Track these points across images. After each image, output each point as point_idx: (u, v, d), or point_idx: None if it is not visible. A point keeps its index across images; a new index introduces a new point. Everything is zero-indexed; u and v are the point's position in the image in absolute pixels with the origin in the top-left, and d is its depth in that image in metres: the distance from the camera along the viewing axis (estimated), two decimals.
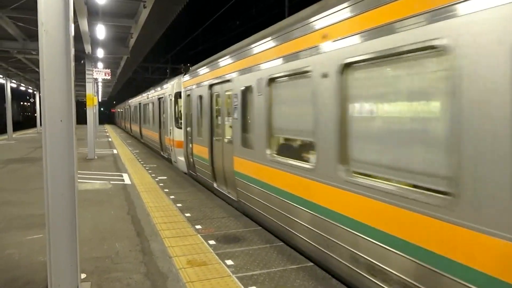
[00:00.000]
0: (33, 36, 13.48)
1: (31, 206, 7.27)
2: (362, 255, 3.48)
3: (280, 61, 5.05)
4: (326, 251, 4.10)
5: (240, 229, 6.05)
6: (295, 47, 4.65)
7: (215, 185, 8.21)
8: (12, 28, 12.10)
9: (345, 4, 3.70)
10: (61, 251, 3.46)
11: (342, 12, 3.74)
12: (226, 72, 7.23)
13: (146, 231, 5.71)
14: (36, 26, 3.42)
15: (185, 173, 11.10)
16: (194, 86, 9.69)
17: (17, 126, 36.67)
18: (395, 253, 3.07)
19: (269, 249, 5.18)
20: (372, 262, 3.35)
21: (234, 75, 6.75)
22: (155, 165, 13.44)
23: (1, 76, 22.22)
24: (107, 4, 9.60)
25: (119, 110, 51.08)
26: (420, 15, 2.77)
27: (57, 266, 3.45)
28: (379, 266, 3.26)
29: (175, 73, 23.39)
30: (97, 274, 4.19)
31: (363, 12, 3.41)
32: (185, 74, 11.16)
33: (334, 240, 3.92)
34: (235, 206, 7.17)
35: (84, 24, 10.35)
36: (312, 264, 4.66)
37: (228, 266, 4.51)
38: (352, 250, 3.62)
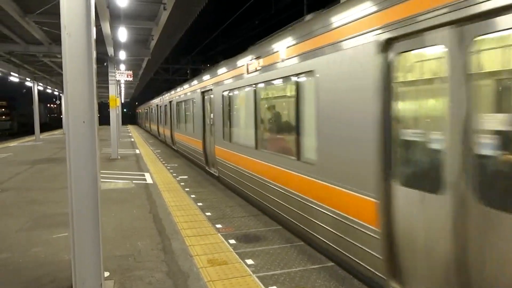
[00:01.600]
0: (57, 40, 13.88)
1: (57, 205, 7.49)
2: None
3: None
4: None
5: (260, 228, 6.03)
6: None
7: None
8: (38, 33, 12.49)
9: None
10: (85, 250, 3.53)
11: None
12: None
13: (168, 230, 5.77)
14: (60, 29, 3.49)
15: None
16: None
17: (44, 127, 37.96)
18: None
19: (289, 249, 5.14)
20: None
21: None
22: (176, 165, 13.60)
23: (29, 79, 22.99)
24: (129, 7, 9.76)
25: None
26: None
27: (81, 265, 3.52)
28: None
29: (195, 74, 23.61)
30: (119, 272, 4.26)
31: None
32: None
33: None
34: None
35: (106, 27, 10.56)
36: (332, 264, 4.59)
37: (249, 266, 4.50)
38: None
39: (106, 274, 4.12)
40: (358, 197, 3.91)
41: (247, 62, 7.22)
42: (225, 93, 8.94)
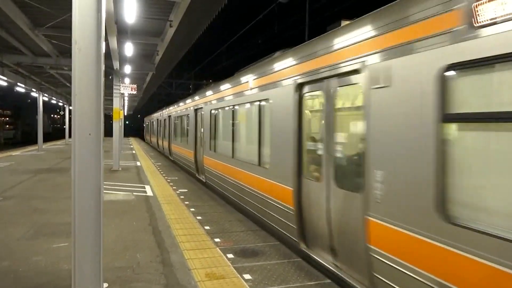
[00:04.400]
0: (65, 52, 14.19)
1: (58, 214, 7.55)
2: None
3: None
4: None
5: (259, 243, 6.07)
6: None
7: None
8: (47, 45, 12.79)
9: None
10: (85, 260, 3.57)
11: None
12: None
13: (167, 243, 5.82)
14: (68, 43, 3.63)
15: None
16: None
17: (48, 137, 38.19)
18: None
19: (287, 265, 5.18)
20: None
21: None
22: (176, 178, 13.67)
23: (34, 90, 23.31)
24: (136, 23, 10.03)
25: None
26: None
27: (81, 275, 3.57)
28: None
29: (198, 89, 23.87)
30: (119, 284, 4.30)
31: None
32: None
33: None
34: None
35: (113, 42, 10.83)
36: (330, 281, 4.62)
37: (246, 281, 4.53)
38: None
39: (105, 285, 4.17)
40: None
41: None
42: (212, 111, 10.95)
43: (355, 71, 4.03)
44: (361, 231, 3.88)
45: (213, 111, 10.85)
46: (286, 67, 5.78)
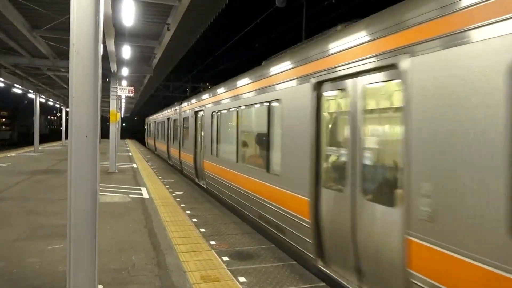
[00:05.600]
0: (62, 54, 14.19)
1: (54, 216, 7.55)
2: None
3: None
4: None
5: (254, 246, 6.10)
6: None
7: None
8: (44, 47, 12.80)
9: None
10: (80, 262, 3.58)
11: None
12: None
13: (162, 245, 5.84)
14: (66, 45, 3.65)
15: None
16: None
17: (44, 139, 38.04)
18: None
19: (282, 268, 5.20)
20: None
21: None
22: (172, 180, 13.67)
23: (31, 91, 23.27)
24: (134, 26, 10.07)
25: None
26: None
27: (76, 277, 3.57)
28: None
29: (195, 92, 23.71)
30: (114, 286, 4.31)
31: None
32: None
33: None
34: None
35: (111, 45, 10.86)
36: (324, 284, 4.65)
37: (241, 283, 4.56)
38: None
39: (100, 287, 4.17)
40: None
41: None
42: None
43: (392, 66, 3.43)
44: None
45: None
46: (302, 65, 5.19)
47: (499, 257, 2.34)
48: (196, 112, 12.78)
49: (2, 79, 17.39)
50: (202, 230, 6.90)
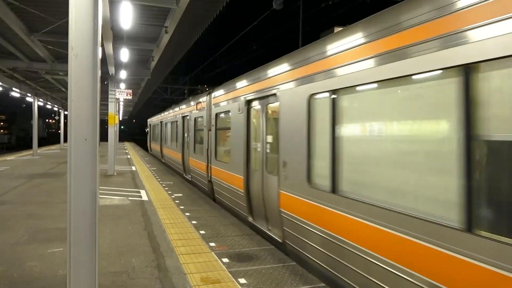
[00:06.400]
0: (60, 58, 14.20)
1: (53, 219, 7.54)
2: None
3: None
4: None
5: (254, 248, 6.10)
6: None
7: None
8: (42, 51, 12.80)
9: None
10: (80, 265, 3.57)
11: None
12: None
13: (162, 247, 5.84)
14: (64, 48, 3.68)
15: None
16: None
17: (42, 142, 38.01)
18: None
19: (282, 269, 5.21)
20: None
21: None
22: (171, 183, 13.67)
23: (30, 94, 23.24)
24: (131, 29, 10.09)
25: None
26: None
27: (76, 280, 3.56)
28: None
29: (193, 94, 23.58)
30: None
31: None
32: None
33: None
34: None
35: (109, 48, 10.87)
36: (324, 285, 4.67)
37: (241, 285, 4.57)
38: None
39: None
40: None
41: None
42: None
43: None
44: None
45: None
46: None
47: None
48: (261, 101, 6.93)
49: (0, 83, 17.37)
50: (202, 232, 6.91)
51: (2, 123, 58.33)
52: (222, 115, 9.49)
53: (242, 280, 4.77)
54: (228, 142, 8.91)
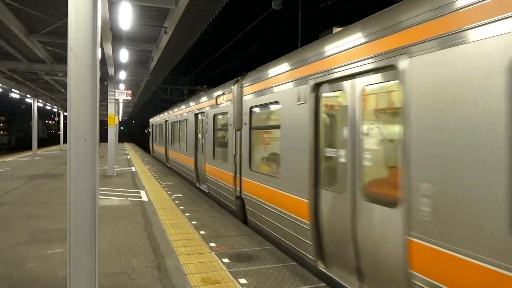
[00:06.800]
0: (60, 58, 14.20)
1: (53, 220, 7.54)
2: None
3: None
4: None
5: (254, 248, 6.10)
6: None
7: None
8: (42, 52, 12.80)
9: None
10: (80, 266, 3.57)
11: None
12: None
13: (162, 248, 5.84)
14: (63, 49, 3.69)
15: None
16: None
17: (42, 143, 37.98)
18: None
19: (282, 269, 5.21)
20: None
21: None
22: (171, 183, 13.67)
23: (29, 96, 23.24)
24: (131, 29, 10.09)
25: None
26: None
27: (76, 281, 3.56)
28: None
29: (192, 94, 23.49)
30: None
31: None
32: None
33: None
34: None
35: (108, 48, 10.87)
36: (324, 284, 4.67)
37: (242, 285, 4.56)
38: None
39: None
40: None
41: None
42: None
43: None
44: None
45: None
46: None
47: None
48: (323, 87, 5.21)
49: (0, 84, 17.35)
50: (202, 232, 6.91)
51: (1, 124, 58.36)
52: (261, 109, 7.07)
53: (243, 280, 4.77)
54: (273, 146, 6.74)
